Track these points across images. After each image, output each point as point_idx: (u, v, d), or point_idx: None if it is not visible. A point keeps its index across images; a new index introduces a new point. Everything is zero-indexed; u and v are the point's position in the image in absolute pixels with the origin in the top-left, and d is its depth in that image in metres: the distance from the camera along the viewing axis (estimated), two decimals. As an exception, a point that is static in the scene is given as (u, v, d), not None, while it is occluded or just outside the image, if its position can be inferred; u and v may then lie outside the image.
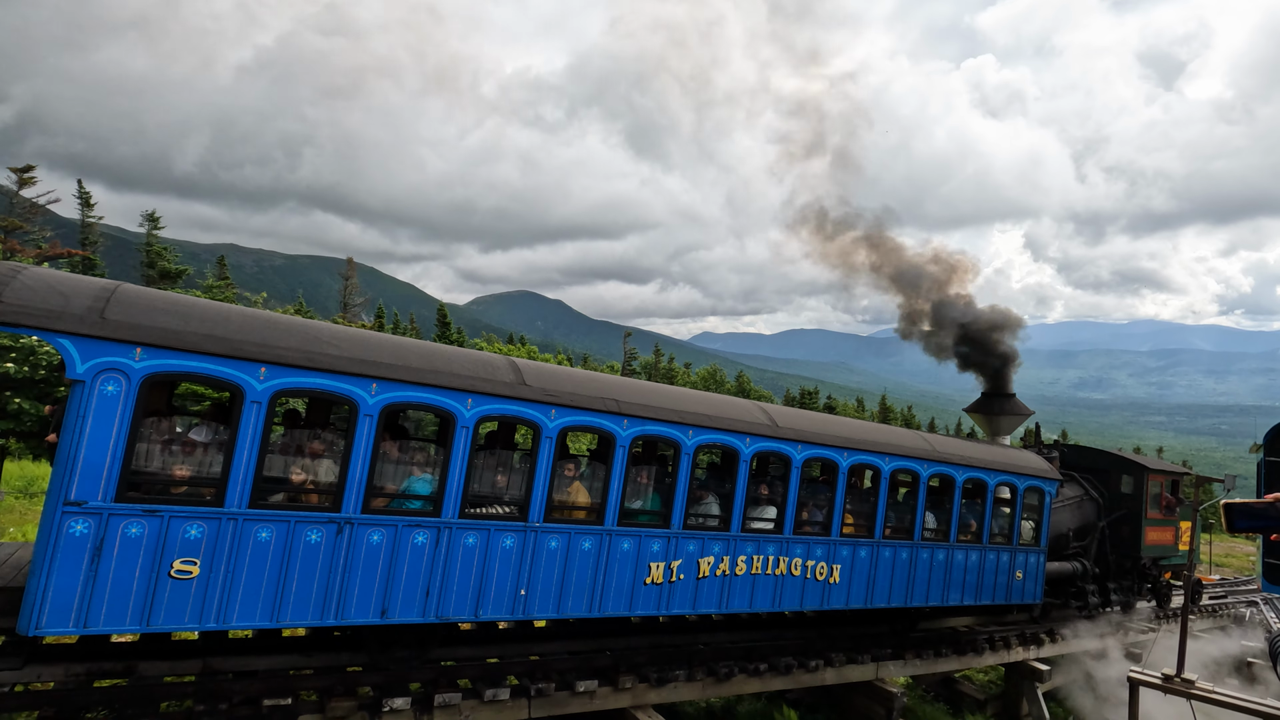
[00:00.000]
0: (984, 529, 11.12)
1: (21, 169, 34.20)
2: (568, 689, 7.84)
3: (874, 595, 9.73)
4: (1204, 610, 19.82)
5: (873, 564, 9.72)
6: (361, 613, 6.14)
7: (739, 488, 8.39)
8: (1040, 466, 12.26)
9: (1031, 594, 11.99)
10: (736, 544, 8.42)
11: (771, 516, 8.88)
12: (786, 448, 8.86)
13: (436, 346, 7.04)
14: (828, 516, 9.32)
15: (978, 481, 11.10)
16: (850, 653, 10.44)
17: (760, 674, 9.38)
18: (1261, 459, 8.71)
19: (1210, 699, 11.50)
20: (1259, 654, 16.97)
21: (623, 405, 7.59)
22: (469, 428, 6.62)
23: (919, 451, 10.35)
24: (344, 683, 6.91)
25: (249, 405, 5.62)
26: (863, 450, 9.62)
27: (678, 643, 9.70)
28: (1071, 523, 14.06)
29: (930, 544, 10.43)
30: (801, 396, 73.39)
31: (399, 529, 6.28)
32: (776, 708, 10.72)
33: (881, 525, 9.81)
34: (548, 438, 7.03)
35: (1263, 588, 8.93)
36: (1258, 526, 2.85)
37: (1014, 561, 11.64)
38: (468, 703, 7.17)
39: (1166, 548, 15.28)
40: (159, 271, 35.53)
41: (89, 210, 38.43)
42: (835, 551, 9.33)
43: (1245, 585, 27.68)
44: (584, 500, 7.52)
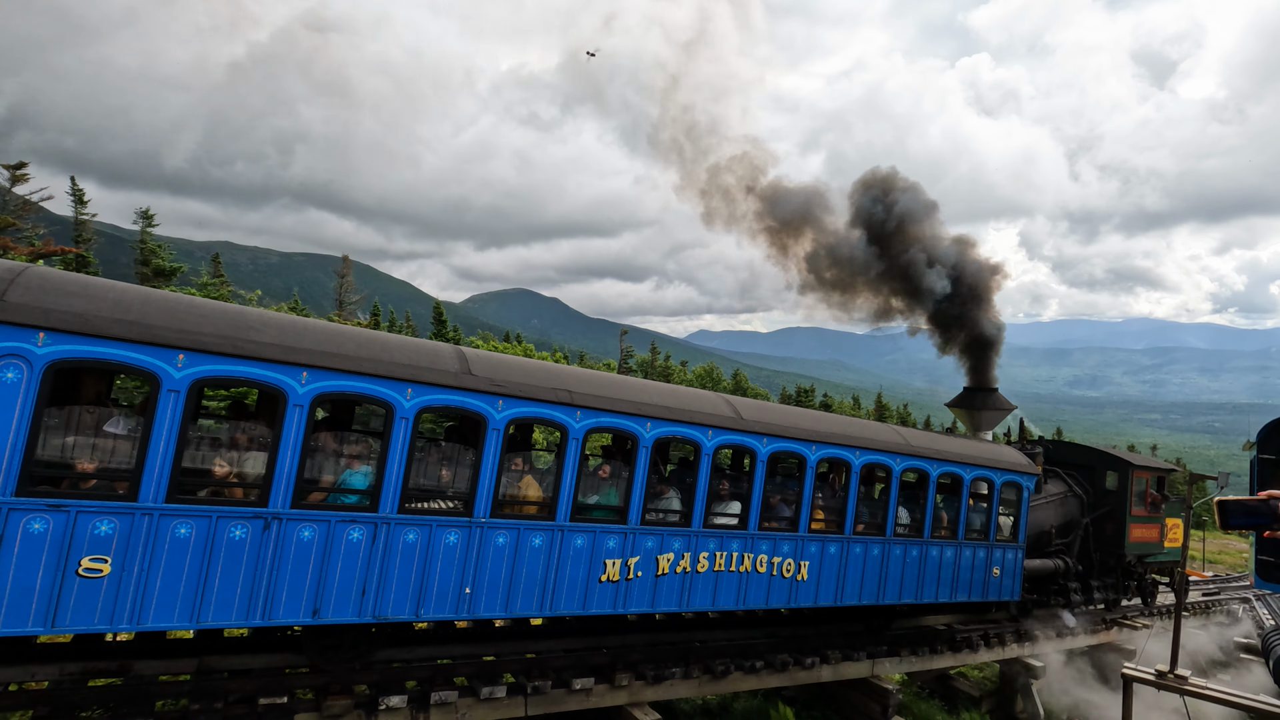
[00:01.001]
0: (959, 524, 10.93)
1: (14, 165, 33.96)
2: (564, 687, 7.85)
3: (844, 593, 9.49)
4: (1194, 607, 19.77)
5: (843, 561, 9.48)
6: (291, 612, 5.86)
7: (700, 482, 8.14)
8: (1018, 461, 12.06)
9: (1009, 591, 11.77)
10: (698, 540, 8.15)
11: (736, 512, 8.62)
12: (751, 441, 8.61)
13: (378, 334, 6.79)
14: (795, 512, 9.07)
15: (952, 476, 10.90)
16: (846, 650, 10.47)
17: (757, 671, 9.40)
18: (1255, 456, 8.75)
19: (1203, 695, 11.56)
20: (1228, 648, 16.70)
21: (576, 396, 7.31)
22: (409, 419, 6.34)
23: (891, 445, 10.12)
24: (340, 681, 6.90)
25: (165, 394, 5.34)
26: (832, 444, 9.38)
27: (674, 640, 9.71)
28: (1054, 520, 13.92)
29: (903, 540, 10.21)
30: (798, 394, 73.48)
31: (332, 525, 6.01)
32: (773, 705, 10.76)
33: (852, 521, 9.57)
34: (494, 430, 6.77)
35: (1256, 584, 8.99)
36: (1251, 524, 2.87)
37: (990, 558, 11.42)
38: (464, 700, 7.18)
39: (1151, 545, 15.16)
40: (153, 269, 35.33)
41: (82, 207, 38.20)
42: (803, 548, 9.08)
43: (1237, 582, 27.79)
44: (535, 495, 7.26)
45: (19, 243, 31.29)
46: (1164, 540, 15.41)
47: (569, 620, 9.78)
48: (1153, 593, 16.65)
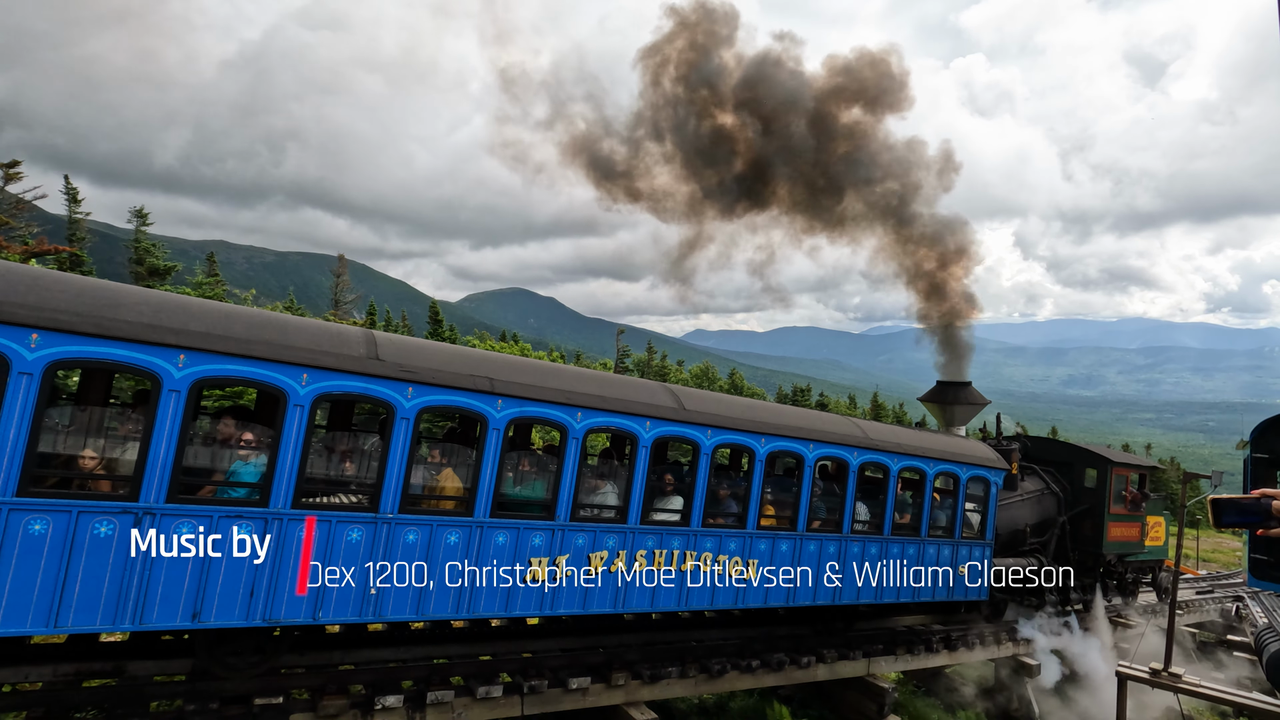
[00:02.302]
0: (922, 521, 10.50)
1: (8, 164, 33.78)
2: (560, 686, 7.88)
3: (797, 592, 9.07)
4: (1181, 606, 19.92)
5: (795, 559, 9.05)
6: (168, 615, 5.40)
7: (637, 476, 7.71)
8: (986, 455, 11.66)
9: (977, 590, 11.31)
10: (635, 537, 7.70)
11: (677, 508, 8.19)
12: (694, 433, 8.19)
13: (276, 316, 6.36)
14: (743, 508, 8.63)
15: (915, 470, 10.47)
16: (842, 649, 10.50)
17: (753, 670, 9.42)
18: (1248, 455, 8.78)
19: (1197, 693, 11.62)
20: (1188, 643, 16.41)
21: (497, 384, 6.87)
22: (304, 406, 5.90)
23: (848, 438, 9.70)
24: (336, 680, 6.90)
25: (16, 377, 4.90)
26: (783, 436, 8.94)
27: (671, 640, 9.72)
28: (1030, 518, 13.59)
29: (862, 537, 9.79)
30: (794, 394, 73.58)
31: (215, 521, 5.57)
32: (769, 704, 10.80)
33: (805, 517, 9.12)
34: (404, 419, 6.34)
35: (1249, 583, 9.05)
36: (1244, 522, 2.88)
37: (957, 556, 10.98)
38: (460, 700, 7.19)
39: (1131, 544, 14.82)
40: (148, 268, 35.18)
41: (76, 206, 38.02)
42: (751, 545, 8.64)
43: (1226, 579, 27.88)
44: (452, 489, 6.83)
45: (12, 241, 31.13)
46: (1145, 539, 15.08)
47: (564, 620, 9.80)
48: (1134, 593, 16.34)
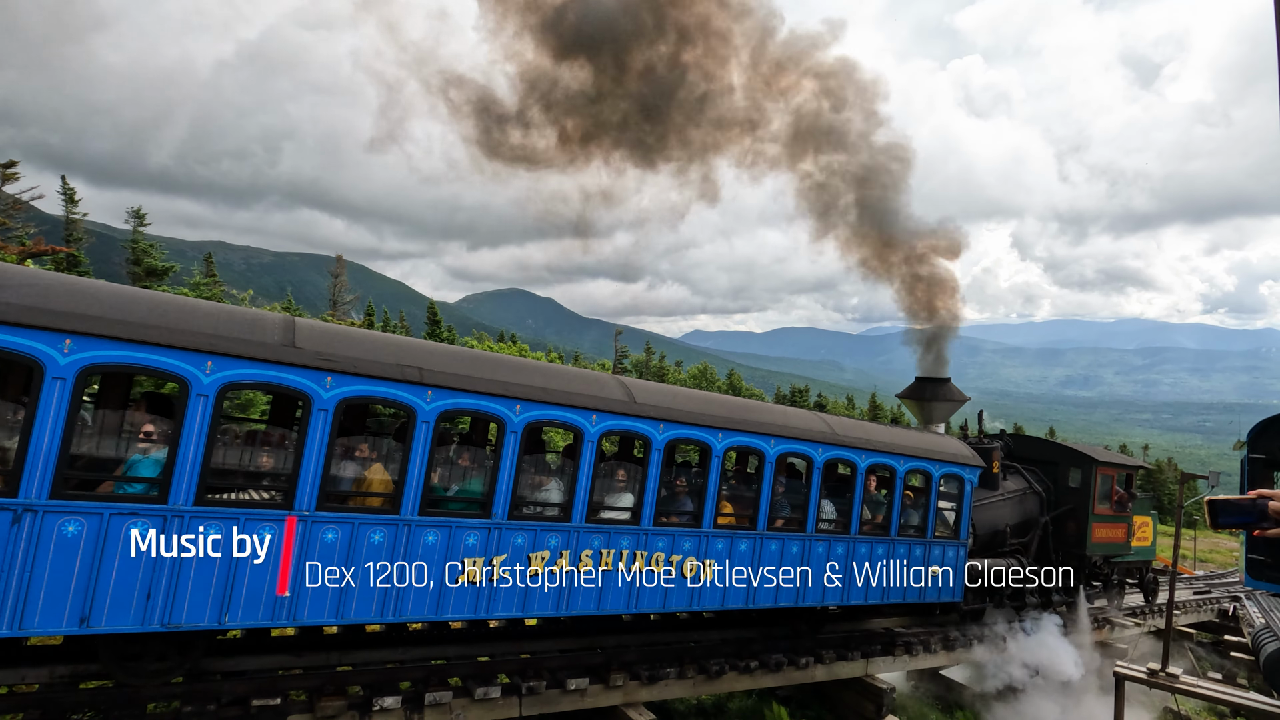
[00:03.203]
0: (892, 520, 10.09)
1: (4, 164, 33.71)
2: (559, 687, 7.86)
3: (757, 595, 8.65)
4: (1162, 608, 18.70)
5: (755, 559, 8.64)
6: (51, 620, 5.03)
7: (582, 472, 7.29)
8: (960, 452, 11.24)
9: (950, 592, 10.85)
10: (579, 536, 7.30)
11: (627, 505, 7.77)
12: (646, 427, 7.79)
13: (183, 300, 5.99)
14: (699, 506, 8.22)
15: (884, 467, 10.07)
16: (841, 650, 10.50)
17: (751, 671, 9.40)
18: (1245, 456, 8.81)
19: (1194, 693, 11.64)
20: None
21: (426, 374, 6.46)
22: (208, 396, 5.50)
23: (812, 433, 9.28)
24: (334, 682, 6.89)
25: None
26: (742, 431, 8.54)
27: (669, 640, 9.72)
28: (1011, 518, 13.20)
29: (826, 536, 9.36)
30: (792, 394, 73.64)
31: (107, 518, 5.18)
32: (767, 705, 10.79)
33: (766, 515, 8.72)
34: (321, 410, 5.95)
35: (1246, 583, 9.06)
36: (1241, 523, 2.88)
37: (929, 556, 10.56)
38: (458, 701, 7.18)
39: (1117, 545, 14.37)
40: (145, 269, 35.12)
41: (73, 206, 37.95)
42: (707, 545, 8.23)
43: (1220, 578, 27.91)
44: (379, 485, 6.43)
45: (9, 242, 31.07)
46: (1131, 540, 14.65)
47: (564, 620, 9.77)
48: (1119, 595, 15.94)
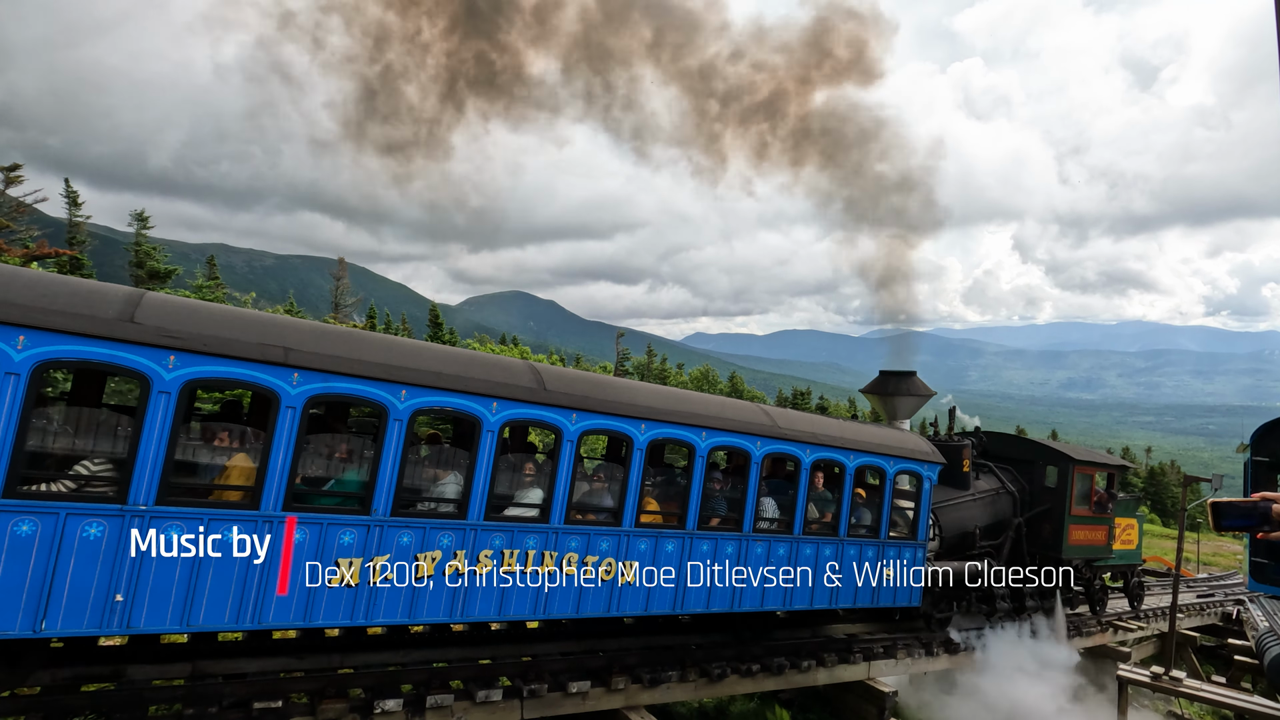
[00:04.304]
0: (840, 519, 9.45)
1: (8, 168, 33.84)
2: (560, 690, 7.81)
3: (686, 599, 8.06)
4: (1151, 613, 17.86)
5: (683, 560, 8.07)
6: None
7: (480, 465, 6.69)
8: (918, 448, 10.64)
9: (907, 596, 10.26)
10: (477, 535, 6.69)
11: (535, 501, 7.16)
12: (557, 417, 7.18)
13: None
14: (619, 503, 7.61)
15: (831, 463, 9.45)
16: (843, 653, 10.48)
17: (753, 674, 9.33)
18: (1248, 459, 8.79)
19: (1197, 696, 11.63)
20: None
21: (293, 355, 5.85)
22: (20, 375, 4.90)
23: (751, 426, 8.67)
24: (335, 684, 6.88)
25: None
26: (668, 422, 7.95)
27: (670, 644, 9.70)
28: (981, 519, 12.58)
29: (766, 536, 8.75)
30: (794, 396, 73.59)
31: None
32: (769, 707, 10.74)
33: (696, 514, 8.13)
34: (163, 393, 5.34)
35: (1249, 586, 9.04)
36: (1244, 525, 2.88)
37: (882, 557, 9.93)
38: (460, 704, 7.15)
39: (1096, 548, 13.67)
40: (148, 271, 35.21)
41: (76, 209, 38.06)
42: (629, 545, 7.62)
43: (1220, 581, 27.81)
44: (239, 478, 5.85)
45: (13, 245, 31.17)
46: (1113, 543, 14.01)
47: (564, 624, 9.72)
48: (1102, 600, 15.30)
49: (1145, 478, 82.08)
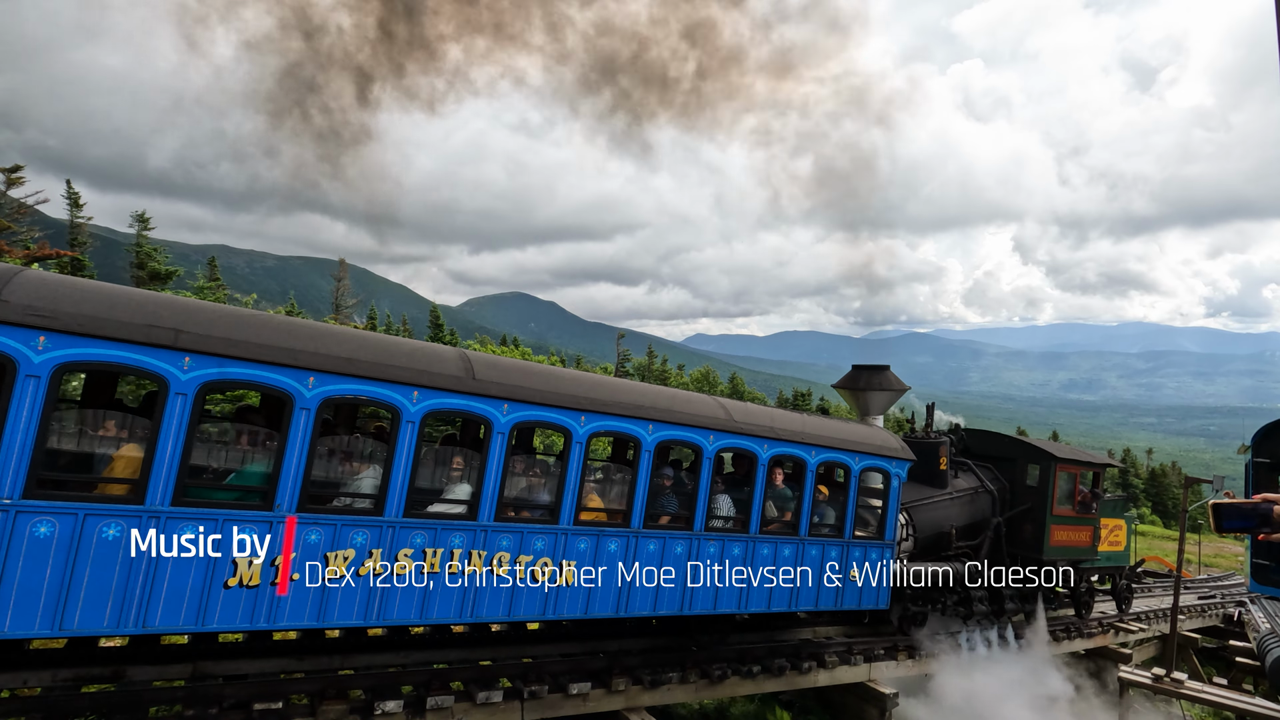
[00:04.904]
0: (801, 518, 9.04)
1: (10, 169, 33.89)
2: (561, 691, 7.80)
3: (631, 600, 7.66)
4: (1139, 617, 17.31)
5: (629, 559, 7.66)
6: None
7: (399, 457, 6.33)
8: (886, 444, 10.25)
9: (873, 598, 9.86)
10: (396, 532, 6.32)
11: (462, 498, 6.77)
12: (487, 408, 6.79)
13: None
14: (556, 499, 7.22)
15: (791, 459, 9.05)
16: (843, 654, 10.47)
17: (753, 676, 9.32)
18: (1249, 460, 8.78)
19: (1199, 698, 11.62)
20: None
21: (185, 338, 5.42)
22: None
23: (702, 419, 8.29)
24: (335, 686, 6.88)
25: None
26: (610, 414, 7.52)
27: (671, 645, 9.69)
28: (958, 518, 12.22)
29: (719, 535, 8.38)
30: (795, 398, 73.58)
31: None
32: (770, 709, 10.74)
33: (642, 511, 7.73)
34: (31, 377, 4.98)
35: (1250, 588, 9.01)
36: (1245, 527, 2.88)
37: (847, 557, 9.52)
38: (460, 705, 7.15)
39: (1080, 549, 13.22)
40: (149, 272, 35.24)
41: (78, 211, 38.11)
42: (567, 544, 7.24)
43: (1219, 583, 27.73)
44: (125, 470, 5.45)
45: (14, 246, 31.21)
46: (1098, 544, 13.60)
47: (565, 624, 9.65)
48: (1088, 603, 14.84)
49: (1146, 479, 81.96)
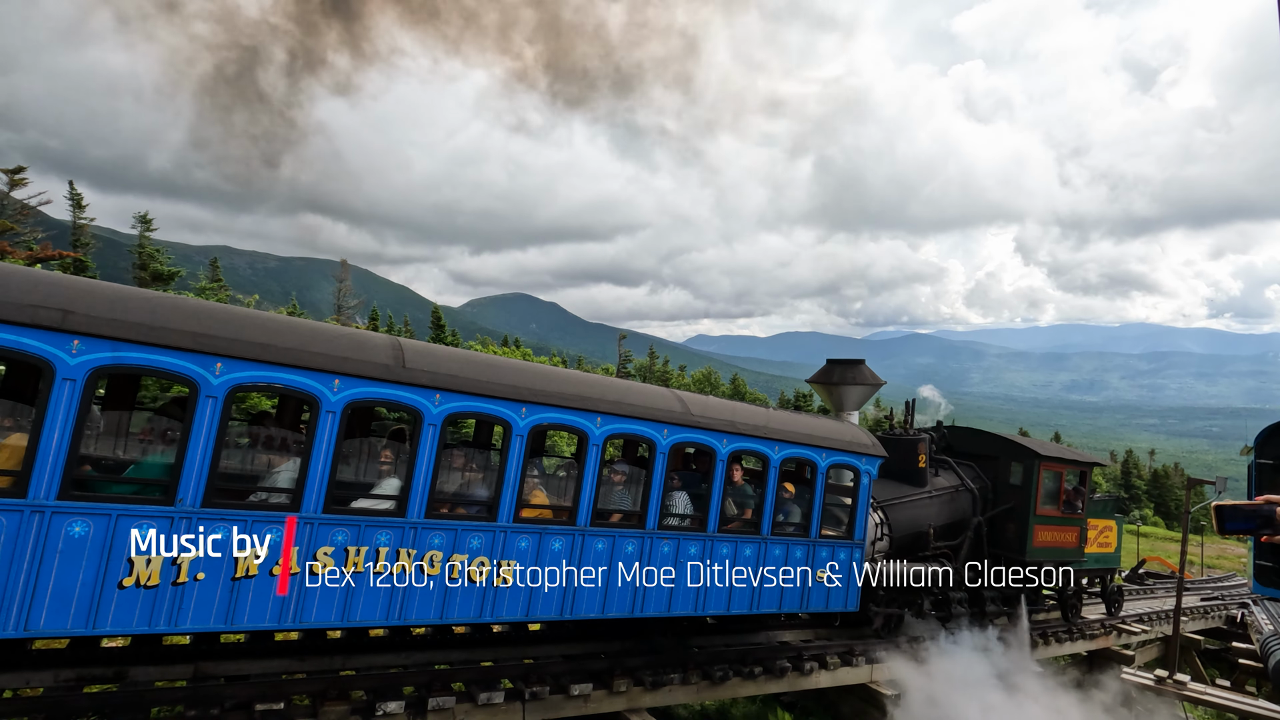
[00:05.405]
0: (764, 516, 8.72)
1: (13, 170, 33.98)
2: (562, 692, 7.79)
3: (576, 603, 7.27)
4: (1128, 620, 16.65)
5: (575, 559, 7.30)
6: None
7: (318, 450, 5.94)
8: (855, 439, 9.89)
9: (842, 600, 9.49)
10: (314, 529, 5.93)
11: (390, 493, 6.42)
12: (414, 398, 6.41)
13: None
14: (494, 495, 6.85)
15: (752, 454, 8.74)
16: (845, 655, 10.45)
17: (755, 677, 9.30)
18: (1252, 461, 8.75)
19: (1202, 700, 11.62)
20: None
21: (73, 319, 5.03)
22: None
23: (654, 412, 7.92)
24: (337, 686, 6.88)
25: None
26: (554, 406, 7.15)
27: (673, 646, 9.69)
28: (937, 518, 11.89)
29: (675, 534, 8.01)
30: (796, 399, 73.56)
31: None
32: (771, 710, 10.74)
33: (589, 508, 7.38)
34: None
35: (1254, 589, 8.99)
36: (1248, 528, 2.88)
37: (813, 558, 9.17)
38: (461, 706, 7.15)
39: (1065, 550, 12.79)
40: (151, 273, 35.31)
41: (80, 212, 38.19)
42: (506, 543, 6.86)
43: (1218, 584, 27.65)
44: (5, 461, 5.14)
45: (17, 247, 31.28)
46: (1085, 545, 13.19)
47: (568, 625, 9.64)
48: (1075, 606, 14.48)
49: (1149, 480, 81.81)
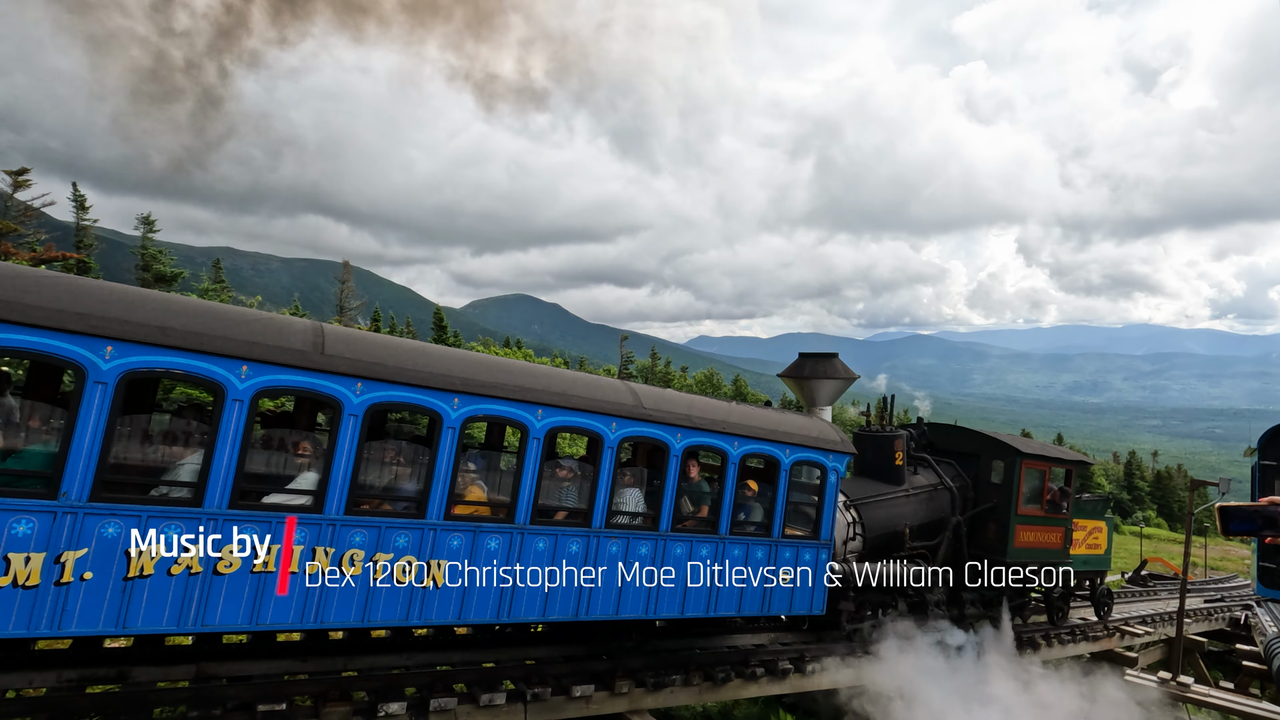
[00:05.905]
0: (721, 514, 8.33)
1: (16, 171, 34.10)
2: (564, 694, 7.79)
3: (515, 604, 6.91)
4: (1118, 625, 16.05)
5: (514, 559, 6.92)
6: None
7: (224, 442, 5.56)
8: (822, 435, 9.53)
9: (807, 602, 9.12)
10: (220, 526, 5.54)
11: (307, 488, 6.05)
12: (335, 387, 6.00)
13: None
14: (424, 491, 6.48)
15: (709, 450, 8.37)
16: (846, 656, 10.43)
17: (757, 679, 9.32)
18: (1256, 463, 8.74)
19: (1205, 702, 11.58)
20: None
21: None
22: None
23: (602, 405, 7.52)
24: (339, 687, 6.89)
25: None
26: (490, 398, 6.77)
27: (674, 647, 9.68)
28: (914, 517, 11.55)
29: (623, 533, 7.60)
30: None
31: None
32: (773, 711, 10.73)
33: (529, 505, 7.00)
34: None
35: (1257, 591, 8.96)
36: (1251, 530, 2.87)
37: (775, 559, 8.81)
38: (463, 707, 7.15)
39: (1048, 551, 12.36)
40: (154, 274, 35.39)
41: (84, 213, 38.29)
42: (436, 542, 6.49)
43: (1218, 584, 27.56)
44: None
45: (21, 248, 31.37)
46: (1072, 546, 12.80)
47: (571, 625, 9.67)
48: (1062, 609, 14.03)
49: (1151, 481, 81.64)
